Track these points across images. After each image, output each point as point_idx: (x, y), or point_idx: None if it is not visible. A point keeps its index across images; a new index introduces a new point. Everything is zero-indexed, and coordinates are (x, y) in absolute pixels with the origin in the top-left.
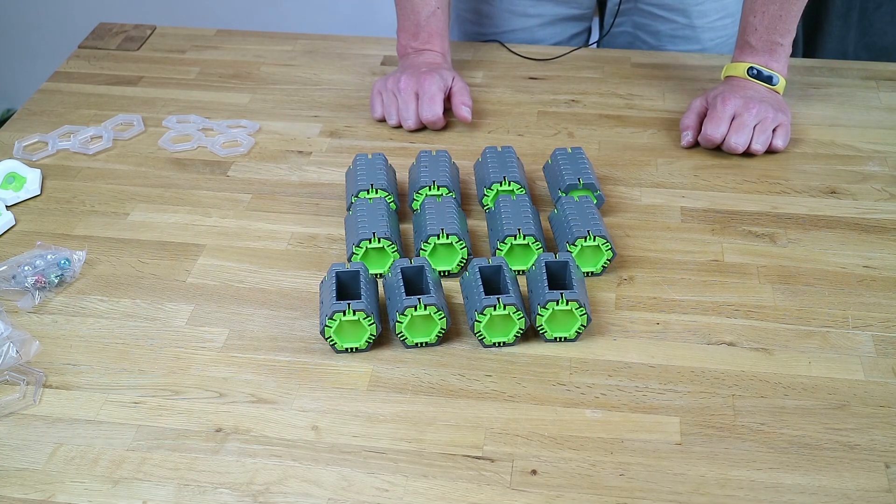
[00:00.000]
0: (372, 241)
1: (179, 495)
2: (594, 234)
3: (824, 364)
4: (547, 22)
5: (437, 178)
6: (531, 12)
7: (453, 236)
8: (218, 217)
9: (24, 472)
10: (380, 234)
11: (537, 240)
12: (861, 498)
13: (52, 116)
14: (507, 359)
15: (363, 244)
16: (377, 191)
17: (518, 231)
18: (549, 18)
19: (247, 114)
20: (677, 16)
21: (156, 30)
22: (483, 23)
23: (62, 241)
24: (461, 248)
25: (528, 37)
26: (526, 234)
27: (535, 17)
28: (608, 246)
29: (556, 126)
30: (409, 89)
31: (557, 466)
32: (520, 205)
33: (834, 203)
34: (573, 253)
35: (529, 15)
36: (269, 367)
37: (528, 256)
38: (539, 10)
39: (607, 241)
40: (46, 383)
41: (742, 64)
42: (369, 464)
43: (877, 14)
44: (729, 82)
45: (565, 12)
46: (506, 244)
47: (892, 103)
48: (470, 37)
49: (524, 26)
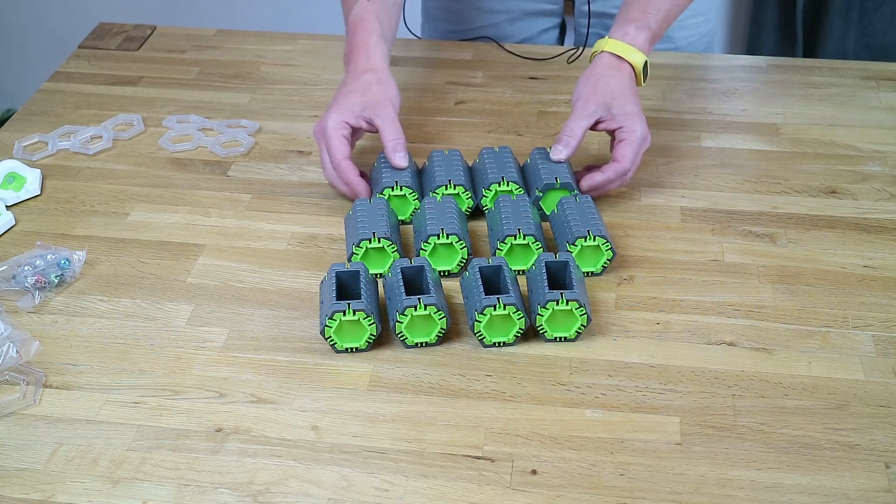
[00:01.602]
0: (372, 240)
1: (179, 495)
2: (594, 234)
3: (824, 364)
4: (515, 17)
5: (452, 178)
6: (497, 8)
7: (453, 236)
8: (218, 217)
9: (24, 472)
10: (380, 234)
11: (537, 240)
12: (861, 498)
13: (52, 116)
14: (507, 359)
15: (363, 244)
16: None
17: (518, 231)
18: (516, 14)
19: (247, 114)
20: None
21: (156, 30)
22: (453, 20)
23: (62, 241)
24: (461, 247)
25: (497, 33)
26: (526, 233)
27: (501, 13)
28: (608, 246)
29: (556, 126)
30: (319, 140)
31: (557, 466)
32: (520, 205)
33: (834, 203)
34: (573, 253)
35: (496, 11)
36: (269, 367)
37: (528, 256)
38: (505, 5)
39: (607, 241)
40: (46, 383)
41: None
42: (369, 464)
43: (877, 14)
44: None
45: (532, 7)
46: (506, 244)
47: (892, 103)
48: (442, 35)
49: (492, 22)
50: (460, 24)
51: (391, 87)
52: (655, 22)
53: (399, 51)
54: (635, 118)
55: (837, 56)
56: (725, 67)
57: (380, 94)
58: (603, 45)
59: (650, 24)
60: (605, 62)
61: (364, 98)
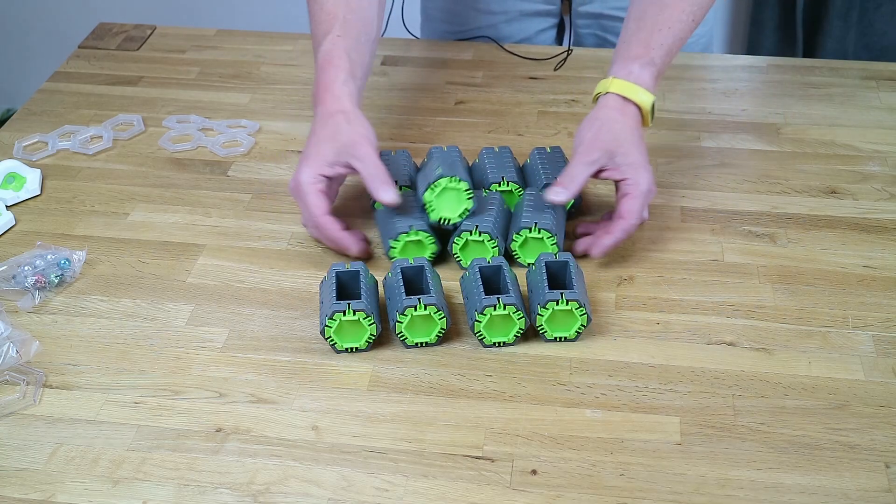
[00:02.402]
0: (410, 233)
1: (179, 495)
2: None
3: (824, 364)
4: (512, 18)
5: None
6: (495, 9)
7: (464, 182)
8: (218, 217)
9: (24, 472)
10: (417, 227)
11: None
12: (861, 498)
13: (52, 116)
14: (507, 359)
15: (401, 237)
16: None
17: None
18: (514, 14)
19: (247, 114)
20: None
21: (156, 30)
22: (452, 21)
23: (62, 241)
24: (467, 196)
25: (494, 32)
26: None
27: (499, 13)
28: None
29: (556, 126)
30: (294, 196)
31: (557, 466)
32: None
33: (834, 203)
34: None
35: (494, 12)
36: (269, 367)
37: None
38: (503, 6)
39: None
40: (46, 383)
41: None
42: (369, 464)
43: (877, 14)
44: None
45: (530, 7)
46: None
47: (892, 103)
48: (441, 35)
49: (489, 23)
50: (458, 24)
51: (363, 125)
52: (659, 58)
53: (399, 51)
54: (640, 169)
55: (837, 56)
56: (725, 67)
57: (352, 133)
58: (608, 87)
59: (654, 61)
60: (609, 104)
61: (336, 143)
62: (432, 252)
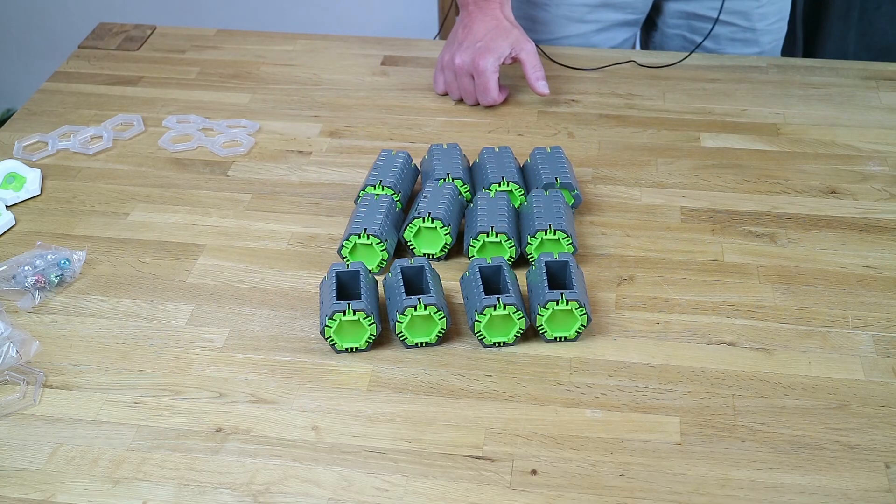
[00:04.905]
0: (361, 236)
1: (179, 495)
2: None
3: (824, 364)
4: (603, 28)
5: (451, 171)
6: (588, 18)
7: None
8: (218, 217)
9: (24, 472)
10: (370, 231)
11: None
12: (861, 498)
13: (52, 116)
14: (507, 359)
15: (352, 238)
16: (383, 188)
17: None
18: (605, 24)
19: (247, 114)
20: (738, 19)
21: (156, 30)
22: (537, 29)
23: (62, 241)
24: (444, 232)
25: (584, 42)
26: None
27: (591, 22)
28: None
29: (556, 126)
30: (465, 71)
31: (557, 466)
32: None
33: (834, 203)
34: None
35: (586, 21)
36: (269, 367)
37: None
38: (596, 16)
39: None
40: (46, 383)
41: None
42: (369, 464)
43: (877, 14)
44: None
45: (620, 18)
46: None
47: (892, 103)
48: None
49: (579, 32)
50: (545, 33)
51: (517, 25)
52: None
53: (399, 51)
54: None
55: (837, 56)
56: (725, 67)
57: (518, 32)
58: None
59: None
60: None
61: (509, 39)
62: (382, 259)
